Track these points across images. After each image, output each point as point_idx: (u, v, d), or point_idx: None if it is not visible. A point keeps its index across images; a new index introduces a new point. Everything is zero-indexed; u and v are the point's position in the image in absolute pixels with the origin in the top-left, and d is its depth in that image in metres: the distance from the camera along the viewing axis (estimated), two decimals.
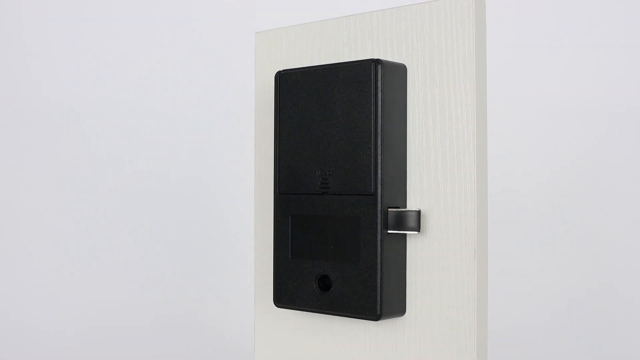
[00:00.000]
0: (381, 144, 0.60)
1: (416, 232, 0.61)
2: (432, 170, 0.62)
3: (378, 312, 0.60)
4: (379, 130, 0.60)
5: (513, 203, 1.14)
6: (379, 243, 0.60)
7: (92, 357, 1.19)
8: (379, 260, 0.60)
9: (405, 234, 0.62)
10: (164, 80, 1.22)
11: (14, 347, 1.17)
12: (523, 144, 1.13)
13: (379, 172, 0.60)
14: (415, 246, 0.63)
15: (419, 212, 0.61)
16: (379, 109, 0.60)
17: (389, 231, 0.61)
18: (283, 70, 0.66)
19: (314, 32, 0.69)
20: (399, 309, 0.62)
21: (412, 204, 0.63)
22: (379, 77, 0.60)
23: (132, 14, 1.22)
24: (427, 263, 0.62)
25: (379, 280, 0.60)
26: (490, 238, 1.06)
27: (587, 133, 1.12)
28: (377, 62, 0.60)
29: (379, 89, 0.60)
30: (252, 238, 1.02)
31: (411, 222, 0.61)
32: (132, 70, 1.22)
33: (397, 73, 0.62)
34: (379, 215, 0.60)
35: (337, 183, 0.62)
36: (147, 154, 1.21)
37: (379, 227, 0.60)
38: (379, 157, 0.60)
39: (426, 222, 0.62)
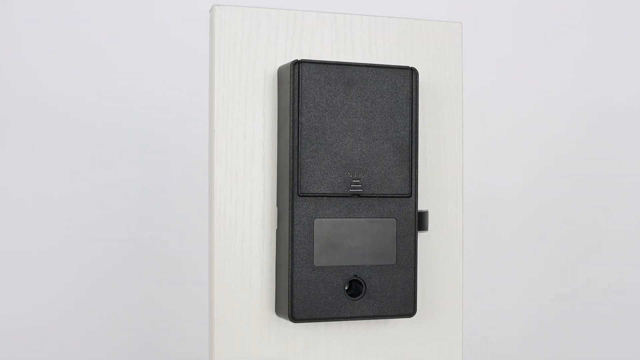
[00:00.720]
0: (416, 149, 0.64)
1: (426, 231, 0.66)
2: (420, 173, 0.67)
3: (415, 308, 0.64)
4: (416, 135, 0.63)
5: (497, 207, 1.17)
6: (415, 242, 0.63)
7: None
8: (415, 259, 0.63)
9: None
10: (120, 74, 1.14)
11: None
12: (509, 149, 1.17)
13: (417, 175, 0.63)
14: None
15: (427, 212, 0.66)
16: (416, 115, 0.63)
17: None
18: (302, 60, 0.61)
19: (287, 19, 0.64)
20: None
21: None
22: (416, 85, 0.63)
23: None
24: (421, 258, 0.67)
25: (416, 278, 0.63)
26: (476, 240, 1.11)
27: (573, 137, 1.16)
28: (414, 70, 0.63)
29: (416, 96, 0.63)
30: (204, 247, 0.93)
31: (427, 222, 0.66)
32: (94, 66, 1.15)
33: None
34: (415, 216, 0.63)
35: (373, 185, 0.62)
36: (95, 154, 1.12)
37: (415, 227, 0.63)
38: (416, 161, 0.63)
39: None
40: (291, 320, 0.60)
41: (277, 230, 0.62)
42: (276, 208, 0.63)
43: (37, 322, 1.05)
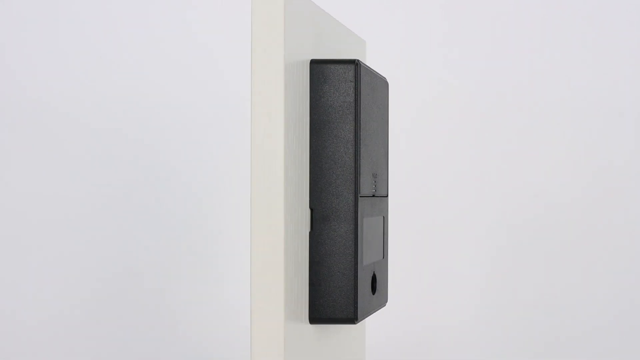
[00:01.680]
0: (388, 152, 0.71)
1: None
2: None
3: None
4: (387, 140, 0.70)
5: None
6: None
7: None
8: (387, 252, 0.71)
9: None
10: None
11: None
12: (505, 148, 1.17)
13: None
14: None
15: None
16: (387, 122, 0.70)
17: None
18: (361, 63, 0.61)
19: None
20: None
21: None
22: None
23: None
24: None
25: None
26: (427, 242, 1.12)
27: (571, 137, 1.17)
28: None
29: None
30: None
31: None
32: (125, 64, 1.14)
33: None
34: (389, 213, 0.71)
35: (380, 186, 0.67)
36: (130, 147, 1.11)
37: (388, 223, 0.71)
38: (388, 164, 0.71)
39: None
40: (351, 323, 0.59)
41: (310, 232, 0.59)
42: (309, 210, 0.60)
43: (36, 321, 1.05)
